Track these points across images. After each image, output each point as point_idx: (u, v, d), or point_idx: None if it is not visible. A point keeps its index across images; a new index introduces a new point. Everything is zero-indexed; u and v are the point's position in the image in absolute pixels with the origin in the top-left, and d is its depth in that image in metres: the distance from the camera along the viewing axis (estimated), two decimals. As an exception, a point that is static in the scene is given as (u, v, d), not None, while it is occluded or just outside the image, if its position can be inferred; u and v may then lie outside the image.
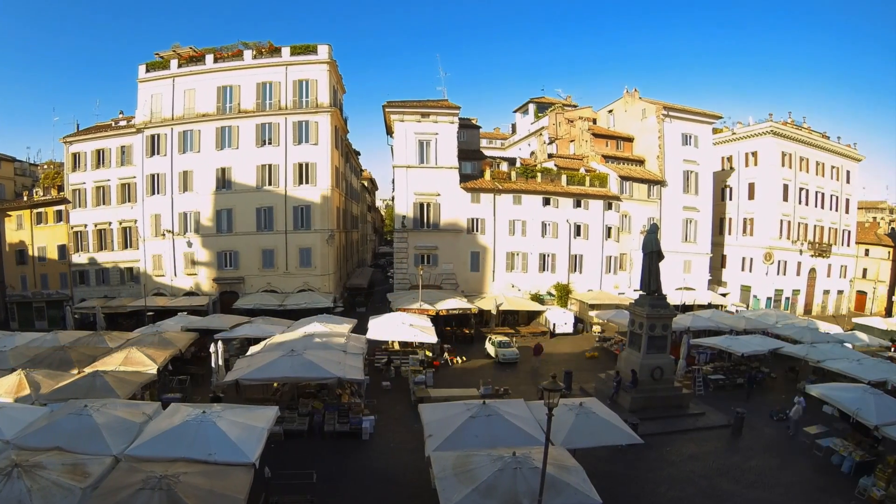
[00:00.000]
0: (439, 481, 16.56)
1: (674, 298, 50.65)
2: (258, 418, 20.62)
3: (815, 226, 74.62)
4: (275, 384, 31.81)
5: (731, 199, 75.15)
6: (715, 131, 73.47)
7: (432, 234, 57.64)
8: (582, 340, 52.81)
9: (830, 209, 76.96)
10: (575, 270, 61.20)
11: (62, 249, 61.29)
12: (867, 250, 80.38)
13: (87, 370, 28.16)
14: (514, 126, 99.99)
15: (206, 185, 57.05)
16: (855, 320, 58.50)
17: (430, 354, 41.39)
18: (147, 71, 58.18)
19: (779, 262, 70.35)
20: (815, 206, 74.82)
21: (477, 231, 58.53)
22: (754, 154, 72.10)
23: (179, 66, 57.58)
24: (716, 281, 72.27)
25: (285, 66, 56.23)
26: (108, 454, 17.41)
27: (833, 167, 76.96)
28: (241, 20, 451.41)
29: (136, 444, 18.09)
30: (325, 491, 22.43)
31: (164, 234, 57.52)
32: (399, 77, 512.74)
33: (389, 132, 64.12)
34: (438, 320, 47.64)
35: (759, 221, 71.26)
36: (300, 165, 56.34)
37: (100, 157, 60.68)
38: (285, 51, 56.45)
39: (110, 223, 60.42)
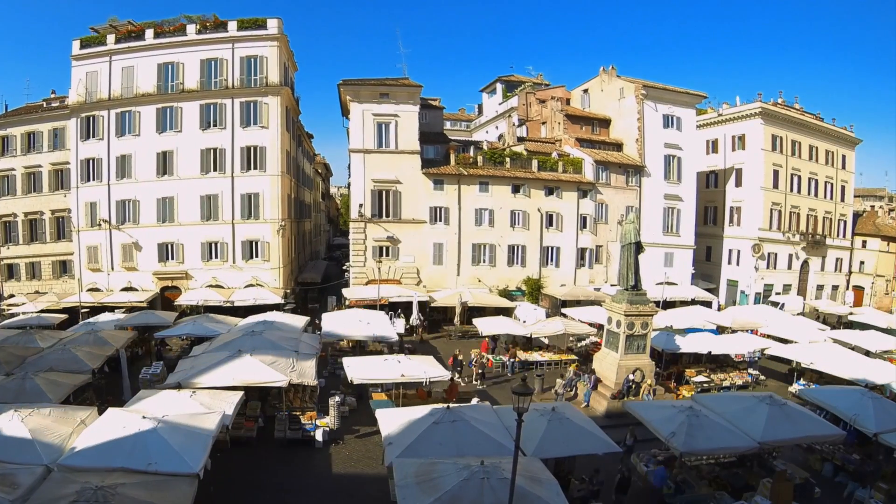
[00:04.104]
0: (399, 489, 16.70)
1: (654, 294, 51.43)
2: (203, 424, 20.90)
3: (808, 215, 75.91)
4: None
5: (716, 186, 76.72)
6: (699, 112, 74.18)
7: (392, 225, 58.06)
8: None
9: (825, 197, 78.30)
10: (547, 264, 62.19)
11: (-11, 241, 60.94)
12: (864, 241, 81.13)
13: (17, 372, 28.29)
14: (480, 107, 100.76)
15: (146, 170, 57.08)
16: (852, 318, 59.19)
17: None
18: (81, 47, 57.78)
19: (768, 254, 71.89)
20: (809, 193, 76.23)
21: (440, 221, 59.06)
22: (742, 137, 73.57)
23: (117, 41, 57.28)
24: (701, 275, 73.10)
25: (232, 42, 56.38)
26: (39, 464, 17.44)
27: (828, 151, 78.47)
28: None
29: (70, 452, 18.22)
30: (273, 504, 22.99)
31: (100, 225, 57.49)
32: (356, 53, 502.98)
33: (345, 113, 64.51)
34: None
35: (748, 210, 72.65)
36: (248, 149, 56.71)
37: (30, 141, 60.88)
38: (232, 25, 56.55)
39: (42, 213, 60.57)
